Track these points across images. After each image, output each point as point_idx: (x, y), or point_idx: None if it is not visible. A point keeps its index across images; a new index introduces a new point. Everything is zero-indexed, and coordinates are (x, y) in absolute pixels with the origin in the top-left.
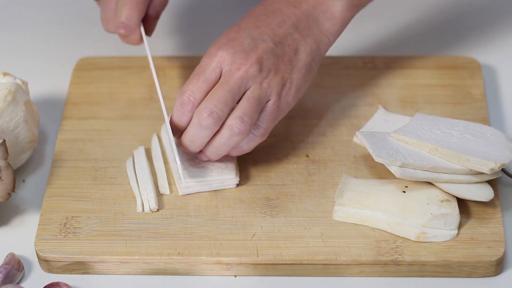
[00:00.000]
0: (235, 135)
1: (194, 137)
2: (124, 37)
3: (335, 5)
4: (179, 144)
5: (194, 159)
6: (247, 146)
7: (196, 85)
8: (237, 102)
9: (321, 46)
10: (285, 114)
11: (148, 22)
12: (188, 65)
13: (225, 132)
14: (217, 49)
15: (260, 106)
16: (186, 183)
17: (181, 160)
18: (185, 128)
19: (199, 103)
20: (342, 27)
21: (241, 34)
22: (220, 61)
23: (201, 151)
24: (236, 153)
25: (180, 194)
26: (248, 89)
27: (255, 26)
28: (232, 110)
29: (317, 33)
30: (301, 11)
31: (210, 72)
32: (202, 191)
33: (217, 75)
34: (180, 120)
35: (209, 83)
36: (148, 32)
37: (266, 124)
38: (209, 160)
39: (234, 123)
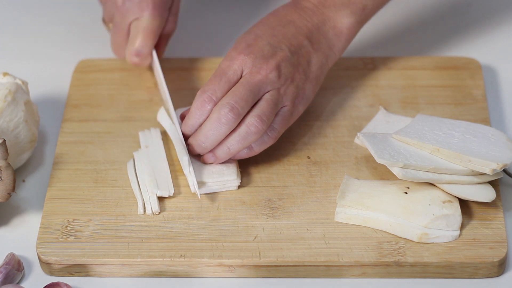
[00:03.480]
0: (252, 134)
1: (210, 133)
2: (137, 64)
3: (343, 22)
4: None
5: (194, 161)
6: (258, 148)
7: (218, 85)
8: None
9: (329, 61)
10: (294, 121)
11: (159, 48)
12: (189, 66)
13: (242, 129)
14: (238, 53)
15: (276, 110)
16: (201, 193)
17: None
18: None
19: None
20: (348, 43)
21: (260, 41)
22: (241, 64)
23: (209, 152)
24: (246, 155)
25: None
26: (266, 93)
27: (271, 34)
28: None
29: (326, 47)
30: (312, 25)
31: (232, 73)
32: (203, 193)
33: (238, 77)
34: (198, 119)
35: (230, 83)
36: (158, 57)
37: (280, 127)
38: (213, 163)
39: (253, 121)
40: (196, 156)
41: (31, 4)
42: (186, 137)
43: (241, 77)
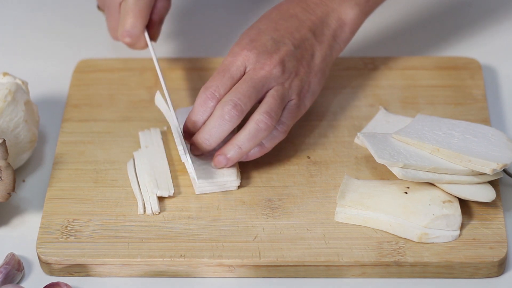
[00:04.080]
0: (261, 131)
1: (213, 130)
2: (130, 45)
3: (347, 13)
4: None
5: (195, 161)
6: (269, 144)
7: (221, 81)
8: (258, 102)
9: (333, 52)
10: (301, 115)
11: (153, 27)
12: (189, 66)
13: (251, 127)
14: (241, 48)
15: (283, 105)
16: (200, 184)
17: (192, 164)
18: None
19: None
20: (352, 34)
21: (262, 36)
22: (245, 60)
23: (219, 154)
24: (258, 153)
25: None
26: (270, 89)
27: (274, 29)
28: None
29: (330, 39)
30: (316, 17)
31: (235, 69)
32: (203, 193)
33: (241, 73)
34: (202, 116)
35: (233, 80)
36: (153, 37)
37: (289, 121)
38: (224, 166)
39: (262, 117)
40: (196, 156)
41: (31, 4)
42: (189, 135)
43: (244, 73)
